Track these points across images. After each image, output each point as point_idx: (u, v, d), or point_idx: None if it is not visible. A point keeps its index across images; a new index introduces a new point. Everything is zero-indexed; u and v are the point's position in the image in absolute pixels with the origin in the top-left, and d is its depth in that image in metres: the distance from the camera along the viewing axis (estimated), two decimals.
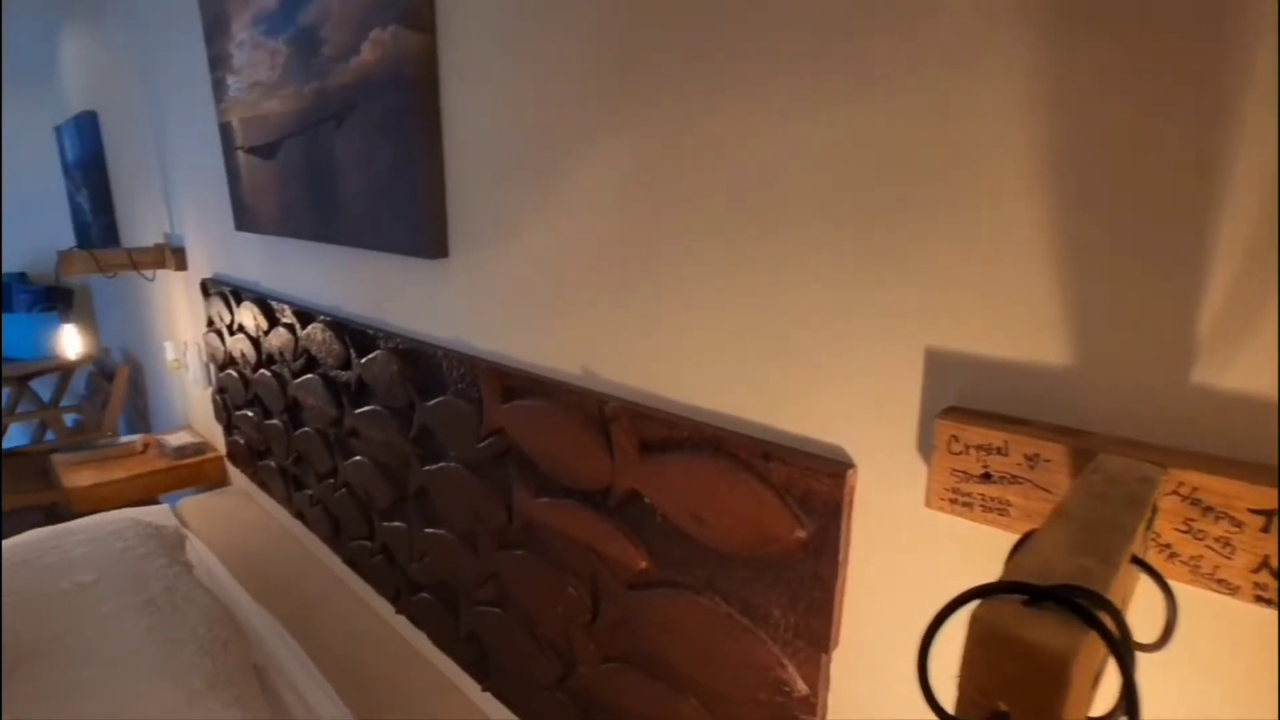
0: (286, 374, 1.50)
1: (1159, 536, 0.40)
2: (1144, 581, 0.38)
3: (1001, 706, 0.24)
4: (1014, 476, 0.46)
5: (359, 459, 1.30)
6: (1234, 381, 0.40)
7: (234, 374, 1.78)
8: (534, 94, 0.82)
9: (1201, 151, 0.39)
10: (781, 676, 0.65)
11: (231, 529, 1.86)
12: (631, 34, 0.70)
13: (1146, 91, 0.41)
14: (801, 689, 0.64)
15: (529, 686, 1.00)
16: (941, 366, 0.52)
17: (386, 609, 1.36)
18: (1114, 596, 0.27)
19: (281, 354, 1.50)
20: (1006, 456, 0.46)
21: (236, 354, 1.73)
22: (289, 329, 1.45)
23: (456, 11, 0.90)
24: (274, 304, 1.51)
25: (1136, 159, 0.42)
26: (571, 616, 0.89)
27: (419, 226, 0.99)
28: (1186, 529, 0.39)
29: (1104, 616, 0.25)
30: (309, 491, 1.55)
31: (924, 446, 0.54)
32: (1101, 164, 0.43)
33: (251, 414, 1.74)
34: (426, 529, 1.15)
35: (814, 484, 0.60)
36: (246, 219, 1.51)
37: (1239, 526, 0.37)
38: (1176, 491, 0.39)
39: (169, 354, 2.26)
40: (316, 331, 1.33)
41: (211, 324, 1.88)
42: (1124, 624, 0.26)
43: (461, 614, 1.12)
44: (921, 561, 0.56)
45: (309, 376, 1.41)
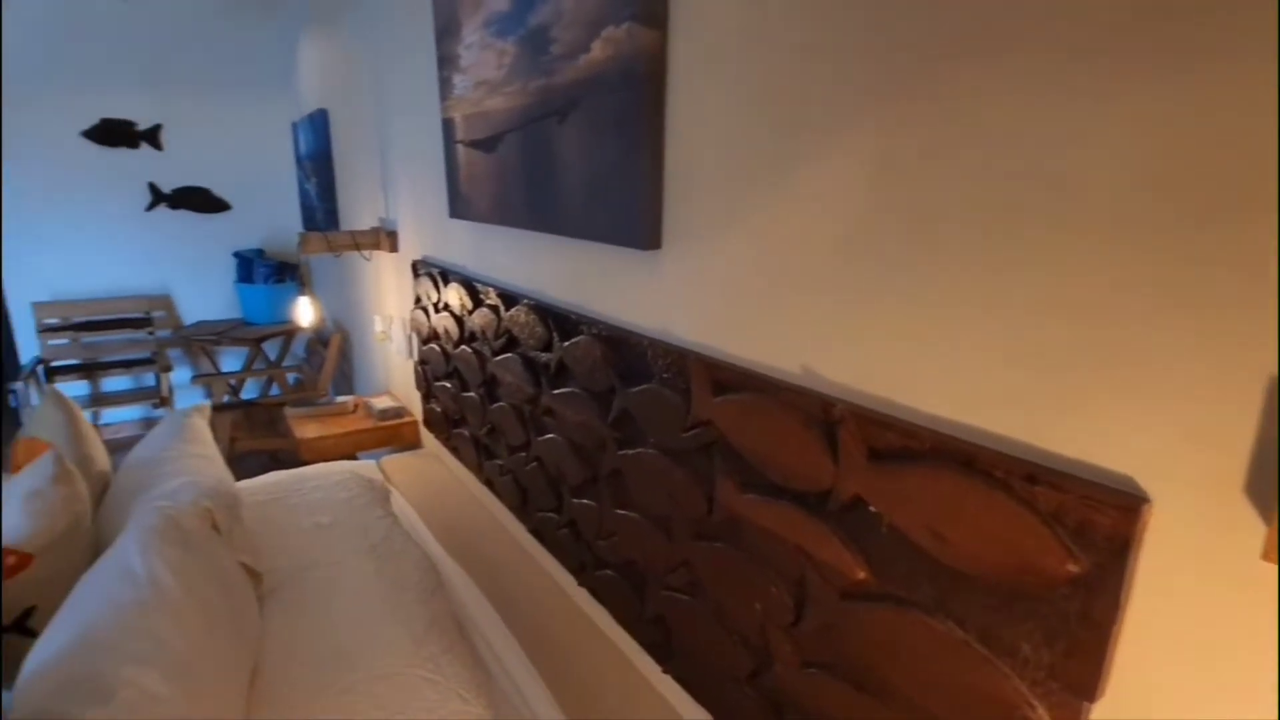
0: (487, 351, 1.62)
1: None
2: None
3: None
4: None
5: (552, 436, 1.38)
6: None
7: (436, 348, 1.95)
8: (769, 87, 0.81)
9: None
10: (1029, 717, 0.60)
11: (424, 488, 2.05)
12: (890, 22, 0.66)
13: None
14: None
15: (715, 676, 1.01)
16: None
17: (568, 580, 1.44)
18: None
19: (483, 333, 1.62)
20: None
21: (440, 330, 1.90)
22: (492, 310, 1.56)
23: (690, 6, 0.91)
24: (479, 286, 1.63)
25: None
26: (771, 615, 0.88)
27: (634, 218, 1.02)
28: None
29: None
30: (499, 461, 1.67)
31: (1255, 489, 0.47)
32: None
33: (449, 385, 1.90)
34: (618, 510, 1.20)
35: (1094, 516, 0.54)
36: (460, 207, 1.64)
37: None
38: None
39: (377, 326, 2.54)
40: (520, 314, 1.42)
41: (418, 301, 2.07)
42: None
43: (647, 595, 1.15)
44: (1241, 619, 0.49)
45: (509, 355, 1.51)
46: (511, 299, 1.47)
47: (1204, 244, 0.48)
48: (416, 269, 2.06)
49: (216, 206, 3.83)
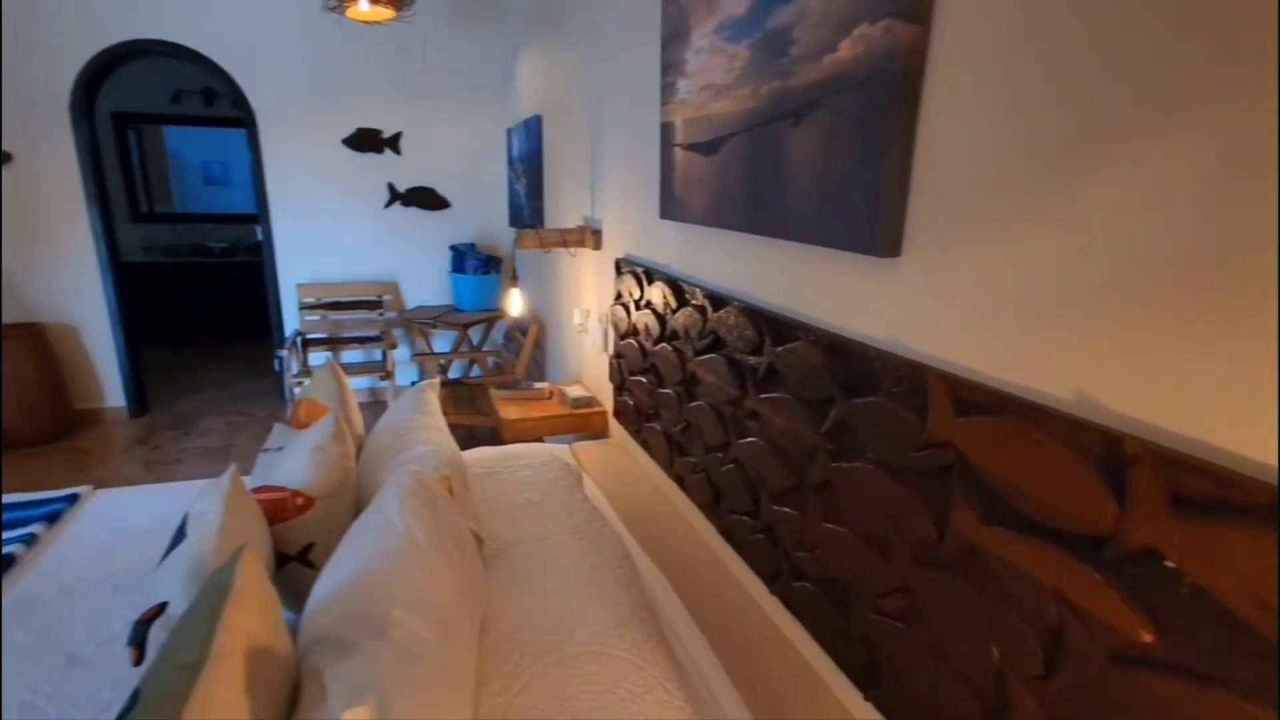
0: (689, 351, 1.65)
1: None
2: None
3: None
4: None
5: (754, 440, 1.37)
6: None
7: (633, 344, 2.03)
8: (1050, 88, 0.74)
9: None
10: None
11: (611, 476, 2.14)
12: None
13: None
14: None
15: (929, 713, 0.95)
16: None
17: (757, 586, 1.43)
18: None
19: (686, 332, 1.65)
20: None
21: (640, 327, 1.97)
22: (698, 310, 1.59)
23: None
24: (685, 286, 1.66)
25: None
26: (1012, 663, 0.80)
27: (872, 224, 0.98)
28: None
29: None
30: (692, 459, 1.69)
31: None
32: None
33: (645, 380, 1.96)
34: (824, 523, 1.16)
35: None
36: (672, 209, 1.68)
37: None
38: None
39: (575, 319, 2.69)
40: (729, 315, 1.43)
41: (619, 298, 2.16)
42: None
43: (852, 615, 1.10)
44: None
45: (712, 356, 1.52)
46: (720, 300, 1.48)
47: None
48: (619, 267, 2.16)
49: (439, 204, 4.30)
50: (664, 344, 1.80)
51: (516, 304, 2.61)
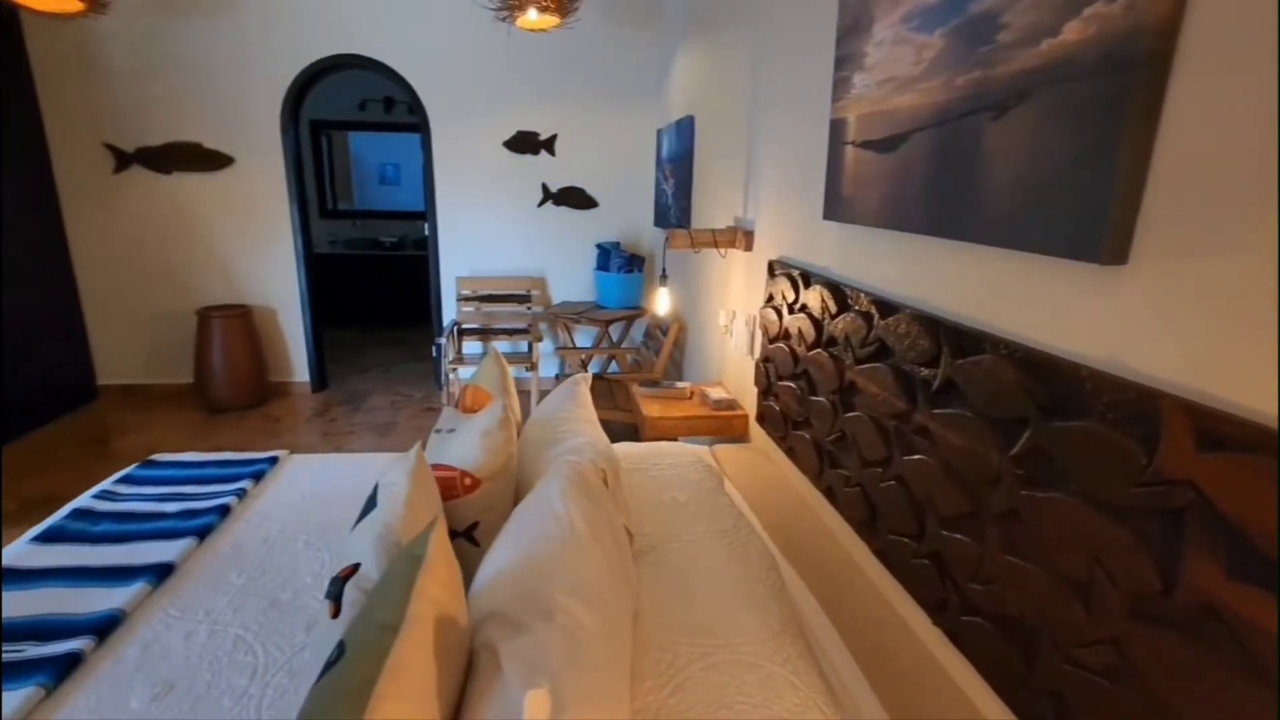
0: (848, 359, 1.57)
1: None
2: None
3: None
4: None
5: (922, 458, 1.28)
6: None
7: (784, 348, 1.97)
8: None
9: None
10: None
11: (752, 481, 2.09)
12: None
13: None
14: None
15: None
16: None
17: (916, 614, 1.33)
18: None
19: (846, 338, 1.58)
20: None
21: (793, 331, 1.91)
22: (862, 316, 1.51)
23: None
24: (848, 290, 1.59)
25: None
26: None
27: (1094, 227, 0.87)
28: None
29: None
30: (845, 472, 1.61)
31: None
32: None
33: (795, 386, 1.90)
34: (1006, 555, 1.06)
35: None
36: (838, 209, 1.61)
37: None
38: None
39: (720, 320, 2.67)
40: (899, 323, 1.35)
41: (770, 300, 2.11)
42: None
43: (1039, 663, 0.99)
44: None
45: (876, 365, 1.44)
46: (889, 307, 1.40)
47: None
48: (772, 269, 2.11)
49: (587, 204, 4.44)
50: (819, 350, 1.73)
51: (664, 303, 2.63)
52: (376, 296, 6.55)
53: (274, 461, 2.05)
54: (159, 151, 4.02)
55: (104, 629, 1.26)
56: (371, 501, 1.13)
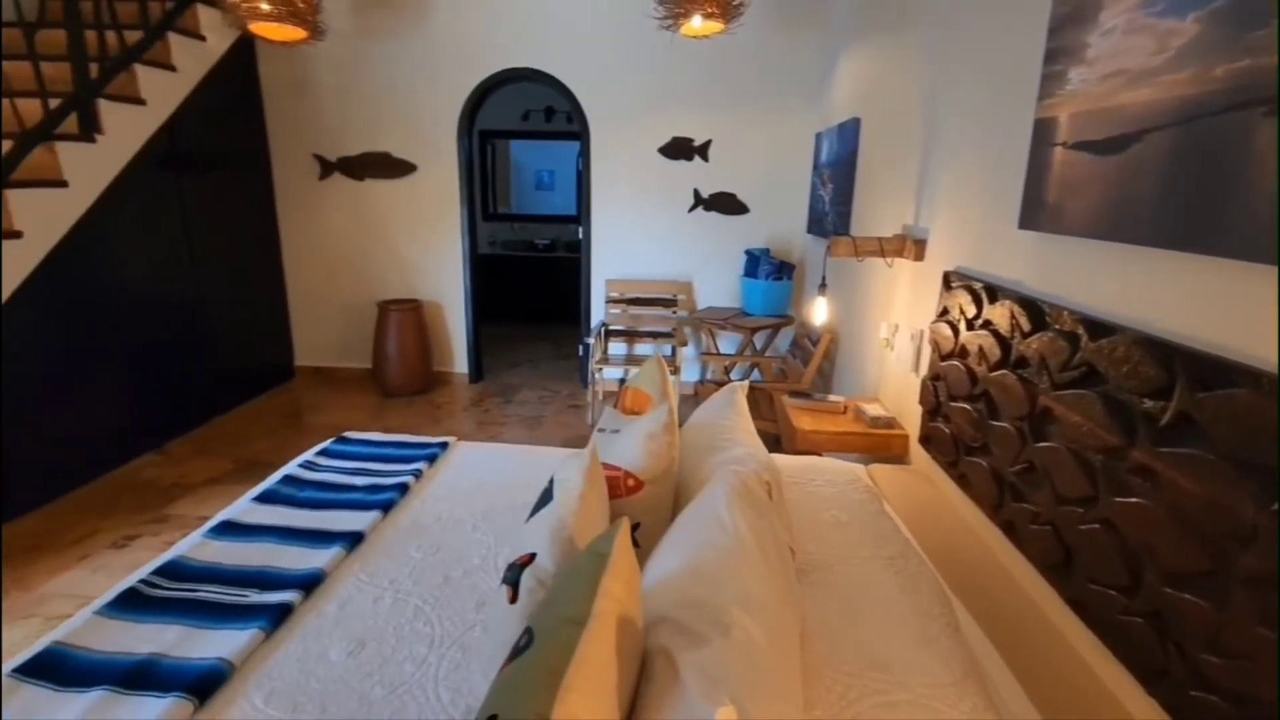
0: (1043, 382, 1.42)
1: None
2: None
3: None
4: None
5: (1141, 501, 1.12)
6: None
7: (959, 366, 1.82)
8: None
9: None
10: None
11: (911, 506, 1.95)
12: None
13: None
14: None
15: None
16: None
17: (1123, 679, 1.17)
18: None
19: (1042, 360, 1.43)
20: None
21: (972, 348, 1.76)
22: (1065, 337, 1.35)
23: None
24: (1045, 307, 1.44)
25: None
26: None
27: None
28: None
29: None
30: (1032, 508, 1.46)
31: None
32: None
33: (971, 409, 1.75)
34: (1259, 628, 0.90)
35: None
36: (1038, 217, 1.47)
37: None
38: None
39: (881, 333, 2.53)
40: (1116, 347, 1.19)
41: (944, 314, 1.97)
42: None
43: None
44: None
45: (1081, 392, 1.29)
46: (1102, 328, 1.24)
47: None
48: (949, 280, 1.96)
49: (738, 209, 4.40)
50: (1005, 371, 1.58)
51: (821, 312, 2.53)
52: (528, 295, 6.92)
53: (445, 446, 2.21)
54: (355, 160, 4.49)
55: (309, 585, 1.41)
56: (547, 495, 1.18)
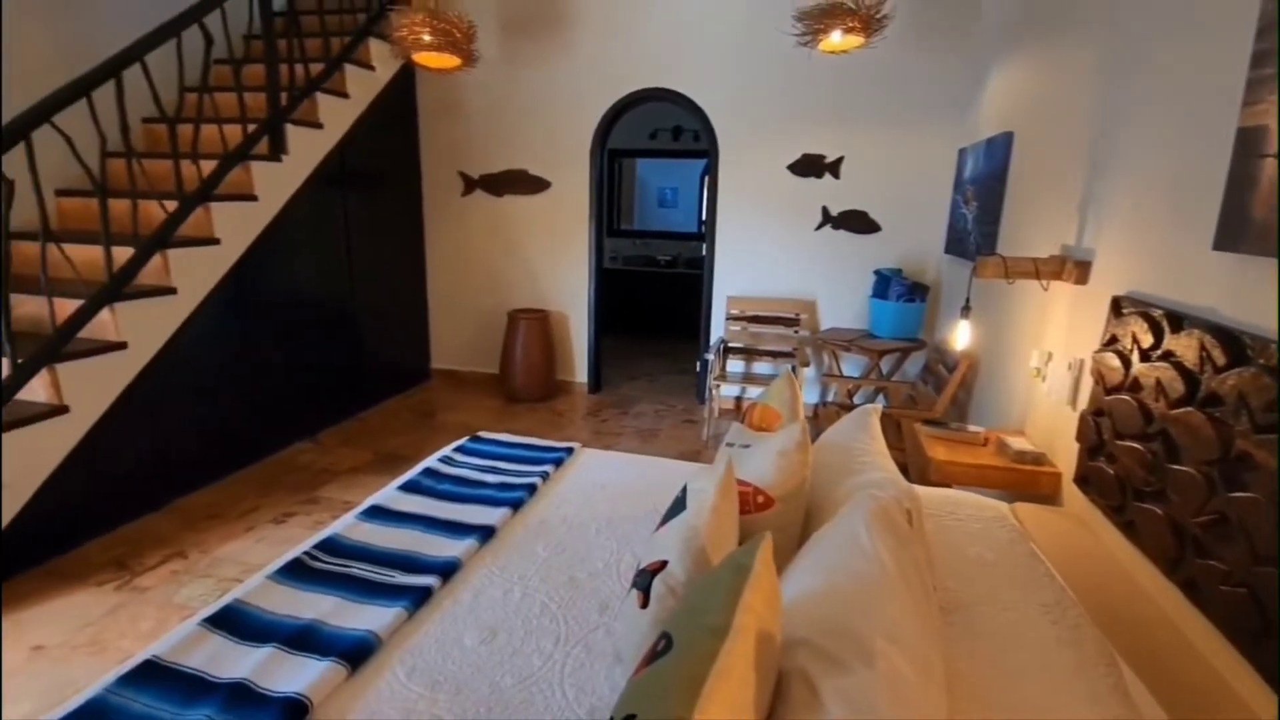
0: (1240, 423, 1.25)
1: None
2: None
3: None
4: None
5: None
6: None
7: (1131, 401, 1.65)
8: None
9: None
10: None
11: (1063, 554, 1.76)
12: None
13: None
14: None
15: None
16: None
17: None
18: None
19: (1240, 398, 1.26)
20: None
21: (1147, 382, 1.59)
22: (1272, 373, 1.19)
23: None
24: (1246, 339, 1.27)
25: None
26: None
27: None
28: None
29: None
30: (1222, 566, 1.28)
31: None
32: None
33: (1143, 449, 1.57)
34: None
35: None
36: (1240, 236, 1.30)
37: None
38: None
39: (1031, 361, 2.34)
40: None
41: (1112, 343, 1.79)
42: None
43: None
44: None
45: None
46: None
47: None
48: (1119, 306, 1.78)
49: (869, 228, 4.25)
50: (1190, 409, 1.41)
51: (964, 336, 2.38)
52: (648, 309, 7.02)
53: (570, 452, 2.28)
54: (496, 177, 4.78)
55: (447, 572, 1.50)
56: (680, 504, 1.18)
